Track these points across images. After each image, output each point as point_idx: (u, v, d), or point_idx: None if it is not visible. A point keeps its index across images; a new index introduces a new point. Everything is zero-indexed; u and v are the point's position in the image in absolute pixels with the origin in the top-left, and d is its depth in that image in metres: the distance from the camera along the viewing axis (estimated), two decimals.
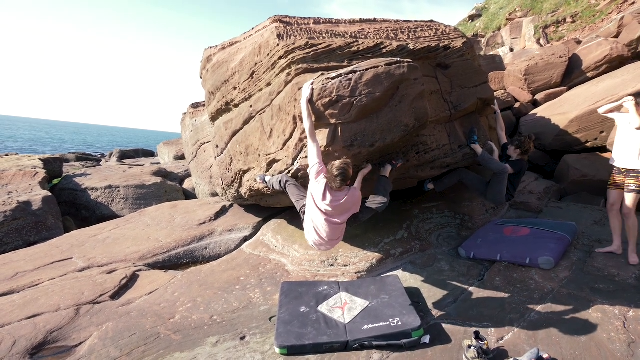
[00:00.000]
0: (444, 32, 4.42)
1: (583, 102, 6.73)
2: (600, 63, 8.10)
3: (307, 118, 3.00)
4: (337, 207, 2.92)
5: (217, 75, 4.70)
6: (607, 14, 12.39)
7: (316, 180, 2.95)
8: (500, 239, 4.11)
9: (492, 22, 19.81)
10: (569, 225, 4.29)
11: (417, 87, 3.14)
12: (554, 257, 3.62)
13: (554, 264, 3.58)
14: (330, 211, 2.92)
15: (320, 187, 2.92)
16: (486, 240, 4.14)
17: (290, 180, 3.44)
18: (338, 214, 2.96)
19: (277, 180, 3.50)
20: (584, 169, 5.87)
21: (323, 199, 2.90)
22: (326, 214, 2.93)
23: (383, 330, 2.72)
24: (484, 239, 4.18)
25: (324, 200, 2.90)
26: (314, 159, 2.98)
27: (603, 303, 2.99)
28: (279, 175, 3.56)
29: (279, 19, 3.91)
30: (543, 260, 3.59)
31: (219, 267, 4.21)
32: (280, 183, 3.46)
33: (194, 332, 2.94)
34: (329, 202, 2.89)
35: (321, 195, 2.90)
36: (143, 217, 5.88)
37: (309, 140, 3.02)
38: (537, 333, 2.72)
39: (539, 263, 3.59)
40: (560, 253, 3.75)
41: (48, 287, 3.72)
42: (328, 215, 2.94)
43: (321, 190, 2.90)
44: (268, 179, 3.71)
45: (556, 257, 3.65)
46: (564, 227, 4.21)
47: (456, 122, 4.32)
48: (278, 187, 3.51)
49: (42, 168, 8.22)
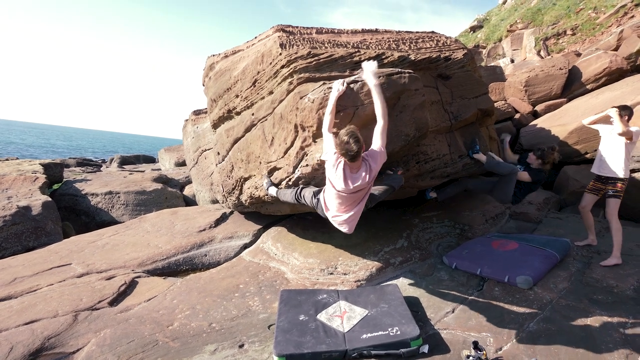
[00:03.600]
0: (445, 43, 4.47)
1: (582, 114, 6.77)
2: (599, 75, 8.18)
3: (330, 113, 2.95)
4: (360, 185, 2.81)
5: (219, 83, 4.74)
6: (607, 27, 12.52)
7: (333, 167, 2.82)
8: (485, 253, 4.01)
9: (494, 33, 20.00)
10: (561, 242, 4.15)
11: (417, 97, 3.17)
12: (534, 276, 3.49)
13: (532, 283, 3.44)
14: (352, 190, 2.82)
15: (340, 173, 2.79)
16: (472, 252, 4.05)
17: (304, 189, 3.36)
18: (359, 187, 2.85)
19: (292, 196, 3.41)
20: (584, 180, 5.88)
21: (345, 185, 2.79)
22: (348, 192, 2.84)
23: (382, 340, 2.71)
24: (471, 251, 4.10)
25: (346, 187, 2.79)
26: (331, 148, 2.86)
27: (601, 314, 2.99)
28: (288, 190, 3.50)
29: (282, 28, 3.97)
30: (521, 279, 3.46)
31: (218, 274, 4.21)
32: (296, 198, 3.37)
33: (192, 340, 2.93)
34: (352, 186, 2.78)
35: (342, 180, 2.78)
36: (143, 224, 5.88)
37: (326, 134, 2.95)
38: (536, 343, 2.71)
39: (516, 282, 3.48)
40: (543, 272, 3.62)
41: (46, 292, 3.71)
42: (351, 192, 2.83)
43: (341, 175, 2.78)
44: (274, 191, 3.65)
45: (536, 276, 3.52)
46: (555, 244, 4.08)
47: (456, 132, 4.35)
48: (292, 201, 3.43)
49: (42, 173, 8.25)
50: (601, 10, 13.81)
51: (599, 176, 4.07)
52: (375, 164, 2.82)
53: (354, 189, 2.81)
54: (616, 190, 3.90)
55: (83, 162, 18.16)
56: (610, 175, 3.93)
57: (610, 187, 3.94)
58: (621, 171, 3.85)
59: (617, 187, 3.90)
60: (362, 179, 2.78)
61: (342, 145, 2.66)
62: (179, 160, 13.30)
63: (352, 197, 2.90)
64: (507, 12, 21.98)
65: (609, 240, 4.35)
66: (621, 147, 3.84)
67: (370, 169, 2.80)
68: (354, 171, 2.80)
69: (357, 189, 2.83)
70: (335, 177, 2.81)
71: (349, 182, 2.78)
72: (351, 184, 2.78)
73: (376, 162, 2.83)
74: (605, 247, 4.19)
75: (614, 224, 3.86)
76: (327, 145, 2.92)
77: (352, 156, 2.68)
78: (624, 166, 3.84)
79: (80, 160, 18.25)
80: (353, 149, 2.64)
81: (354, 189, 2.80)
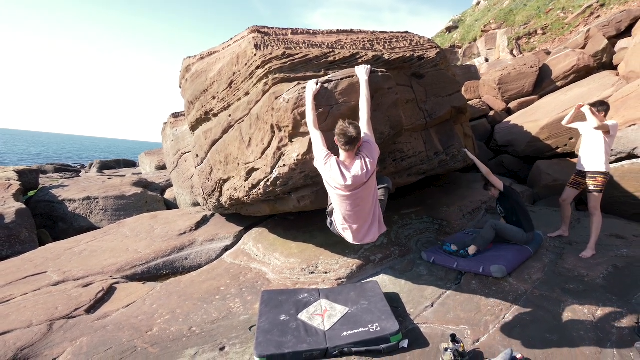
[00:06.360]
0: (419, 43, 4.56)
1: (553, 110, 7.02)
2: (568, 73, 8.50)
3: (311, 110, 2.91)
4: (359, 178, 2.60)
5: (196, 85, 4.70)
6: (575, 27, 12.98)
7: (326, 165, 2.67)
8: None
9: (468, 33, 20.45)
10: (535, 235, 4.23)
11: (391, 95, 3.23)
12: (507, 265, 3.59)
13: (506, 272, 3.55)
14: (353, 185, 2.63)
15: (334, 167, 2.63)
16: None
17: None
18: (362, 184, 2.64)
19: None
20: (555, 174, 6.09)
21: (343, 179, 2.60)
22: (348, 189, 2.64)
23: (362, 336, 2.74)
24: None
25: (344, 181, 2.60)
26: (319, 147, 2.74)
27: (573, 303, 3.09)
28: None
29: (257, 29, 3.97)
30: (495, 268, 3.56)
31: (199, 277, 4.17)
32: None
33: (172, 345, 2.90)
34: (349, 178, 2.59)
35: (339, 175, 2.61)
36: (122, 229, 5.77)
37: (312, 131, 2.85)
38: (511, 334, 2.79)
39: (491, 271, 3.57)
40: (517, 263, 3.73)
41: (20, 302, 3.61)
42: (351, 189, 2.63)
43: (336, 170, 2.62)
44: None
45: (510, 266, 3.62)
46: None
47: (432, 129, 4.44)
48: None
49: (16, 180, 7.99)
50: (569, 11, 14.32)
51: (579, 171, 4.13)
52: (370, 157, 2.64)
53: (353, 183, 2.59)
54: (597, 185, 3.91)
55: (61, 168, 17.61)
56: (590, 169, 3.98)
57: (591, 182, 3.95)
58: (601, 165, 3.90)
59: (598, 181, 3.91)
60: (360, 169, 2.58)
61: (340, 129, 2.54)
62: (159, 163, 13.09)
63: (359, 197, 2.67)
64: (481, 13, 22.52)
65: (580, 231, 4.54)
66: (600, 141, 3.89)
67: (365, 161, 2.61)
68: (347, 163, 2.64)
69: (358, 184, 2.61)
70: (331, 175, 2.65)
71: (345, 175, 2.59)
72: (348, 178, 2.59)
73: (371, 153, 2.66)
74: (577, 238, 4.35)
75: (596, 218, 3.91)
76: (316, 144, 2.78)
77: (347, 141, 2.54)
78: (603, 160, 3.89)
79: (58, 166, 17.69)
80: (351, 132, 2.51)
81: (353, 183, 2.59)
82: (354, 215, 2.75)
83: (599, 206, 3.93)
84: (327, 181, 2.74)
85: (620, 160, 5.23)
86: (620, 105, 5.55)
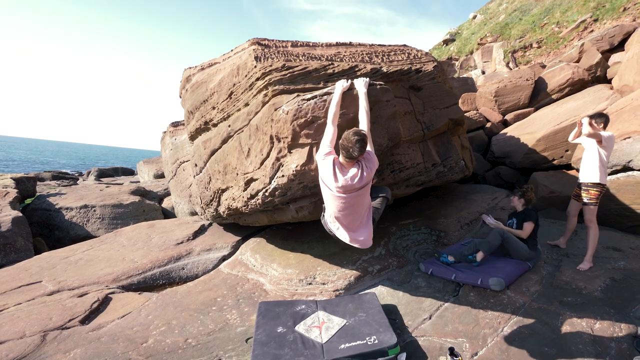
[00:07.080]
0: (416, 56, 4.63)
1: (549, 122, 7.10)
2: (563, 86, 8.62)
3: (336, 105, 2.96)
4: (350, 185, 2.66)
5: (196, 95, 4.74)
6: (569, 41, 13.21)
7: (323, 161, 2.73)
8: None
9: (465, 46, 20.74)
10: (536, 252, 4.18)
11: (389, 108, 3.27)
12: (505, 278, 3.58)
13: (504, 285, 3.53)
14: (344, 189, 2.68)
15: (328, 166, 2.69)
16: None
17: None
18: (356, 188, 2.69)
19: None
20: (552, 186, 6.13)
21: (335, 180, 2.66)
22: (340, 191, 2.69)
23: (360, 349, 2.73)
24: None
25: (336, 182, 2.66)
26: (326, 142, 2.80)
27: (571, 316, 3.09)
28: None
29: (257, 41, 4.02)
30: (493, 281, 3.53)
31: (195, 287, 4.14)
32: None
33: (167, 357, 2.87)
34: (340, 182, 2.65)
35: (331, 175, 2.67)
36: (119, 237, 5.74)
37: (328, 125, 2.90)
38: (510, 347, 2.78)
39: (489, 284, 3.55)
40: (515, 276, 3.72)
41: (13, 312, 3.56)
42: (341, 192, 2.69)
43: (330, 169, 2.68)
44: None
45: (508, 279, 3.61)
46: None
47: (429, 141, 4.48)
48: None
49: (13, 187, 7.95)
50: (563, 25, 14.58)
51: (579, 183, 4.13)
52: (368, 167, 2.70)
53: (343, 187, 2.65)
54: (590, 198, 3.91)
55: (59, 175, 17.51)
56: (584, 180, 3.99)
57: (585, 194, 3.95)
58: (594, 176, 3.90)
59: (591, 194, 3.91)
60: (354, 176, 2.64)
61: (346, 142, 2.57)
62: (157, 172, 13.08)
63: (347, 202, 2.72)
64: (478, 27, 22.87)
65: (577, 243, 4.55)
66: (594, 152, 3.92)
67: (362, 170, 2.66)
68: (344, 167, 2.69)
69: (349, 189, 2.66)
70: (324, 172, 2.72)
71: (337, 177, 2.65)
72: (340, 180, 2.64)
73: (371, 163, 2.72)
74: (574, 250, 4.34)
75: (592, 231, 3.92)
76: (325, 138, 2.84)
77: (348, 156, 2.61)
78: (597, 172, 3.89)
79: (55, 174, 17.60)
80: (353, 155, 2.59)
81: (342, 186, 2.65)
82: (342, 218, 2.83)
83: (594, 219, 3.94)
84: (321, 177, 2.82)
85: (615, 172, 5.27)
86: (615, 118, 5.61)
